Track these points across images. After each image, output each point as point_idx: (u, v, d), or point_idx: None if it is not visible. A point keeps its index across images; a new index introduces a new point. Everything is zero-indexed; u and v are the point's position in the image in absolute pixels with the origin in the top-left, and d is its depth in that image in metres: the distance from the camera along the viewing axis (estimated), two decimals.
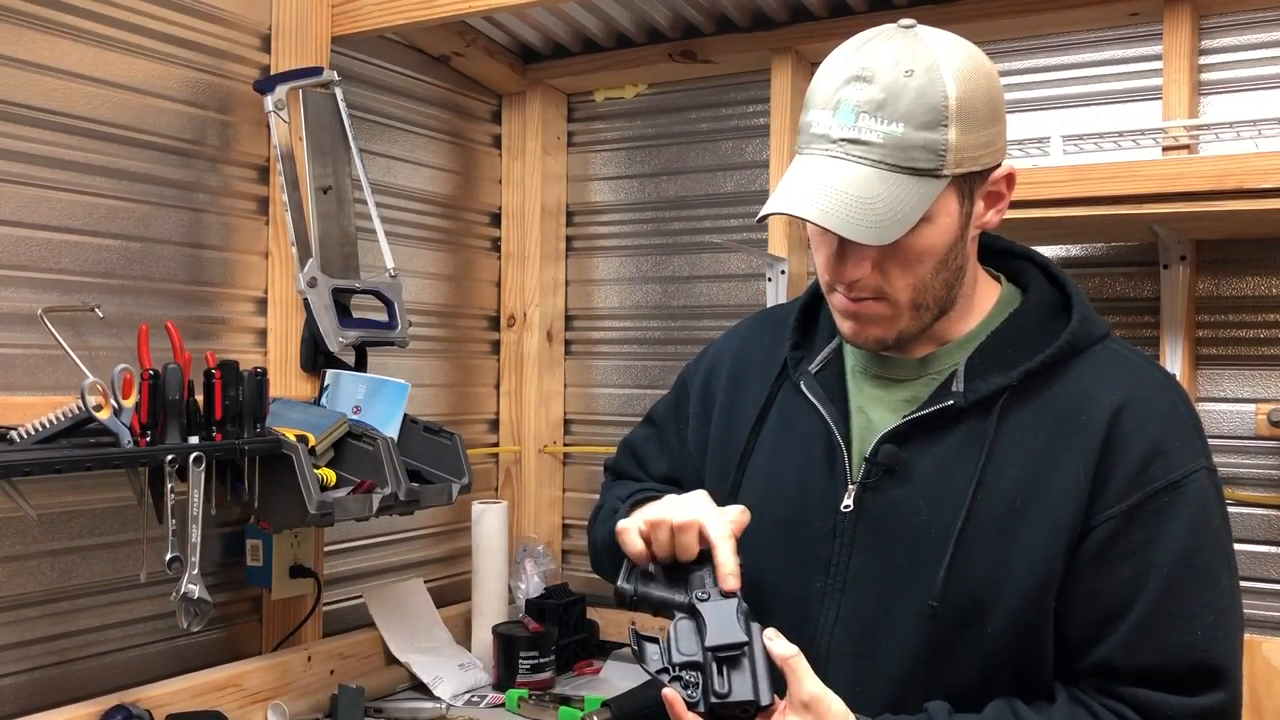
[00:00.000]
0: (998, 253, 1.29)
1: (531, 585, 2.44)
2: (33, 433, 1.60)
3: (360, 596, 2.31)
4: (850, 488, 1.20)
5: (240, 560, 2.05)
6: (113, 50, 1.87)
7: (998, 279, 1.28)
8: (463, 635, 2.40)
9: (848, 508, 1.20)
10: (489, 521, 2.40)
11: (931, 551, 1.14)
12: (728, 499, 1.29)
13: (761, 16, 2.39)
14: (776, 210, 1.12)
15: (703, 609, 1.11)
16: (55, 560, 1.79)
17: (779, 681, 1.08)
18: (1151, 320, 2.09)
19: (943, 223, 1.13)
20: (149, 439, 1.65)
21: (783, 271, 2.35)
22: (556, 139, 2.75)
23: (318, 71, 2.09)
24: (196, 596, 1.69)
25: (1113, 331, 1.22)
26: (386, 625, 2.25)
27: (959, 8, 2.16)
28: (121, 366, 1.63)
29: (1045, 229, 1.94)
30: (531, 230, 2.71)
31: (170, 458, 1.64)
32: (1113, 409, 1.13)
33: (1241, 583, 1.15)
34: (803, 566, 1.22)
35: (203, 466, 1.68)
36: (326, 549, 2.22)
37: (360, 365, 2.15)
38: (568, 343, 2.78)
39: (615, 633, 2.49)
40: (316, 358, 2.11)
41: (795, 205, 1.10)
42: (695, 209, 2.61)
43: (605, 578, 1.37)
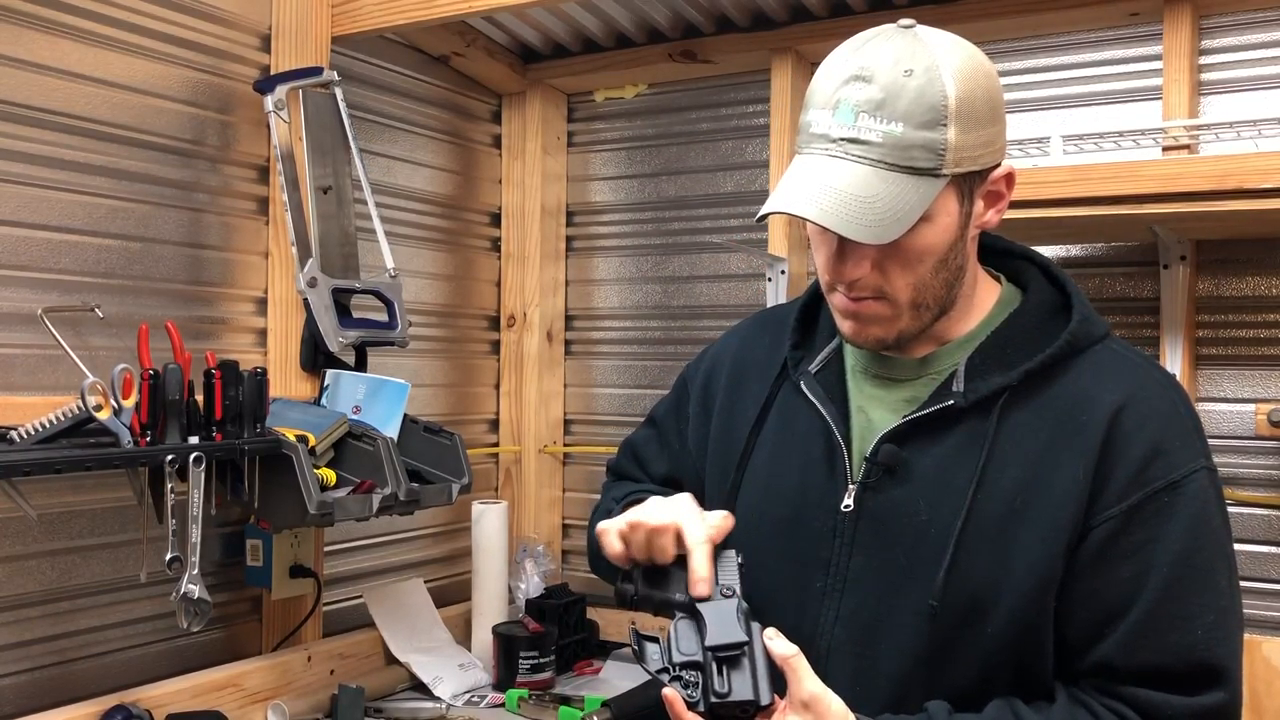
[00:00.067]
0: (998, 253, 1.29)
1: (531, 585, 2.44)
2: (33, 433, 1.60)
3: (360, 596, 2.31)
4: (850, 487, 1.20)
5: (240, 560, 2.05)
6: (113, 50, 1.87)
7: (998, 279, 1.28)
8: (463, 635, 2.40)
9: (848, 507, 1.20)
10: (489, 521, 2.40)
11: (931, 551, 1.14)
12: (728, 499, 1.29)
13: (761, 16, 2.39)
14: (776, 209, 1.12)
15: (703, 609, 1.11)
16: (55, 560, 1.79)
17: (779, 681, 1.08)
18: (1151, 320, 2.09)
19: (942, 222, 1.13)
20: (149, 439, 1.65)
21: (783, 271, 2.35)
22: (556, 139, 2.74)
23: (318, 71, 2.09)
24: (196, 596, 1.69)
25: (1113, 331, 1.22)
26: (386, 625, 2.25)
27: (959, 8, 2.16)
28: (121, 366, 1.63)
29: (1045, 229, 1.94)
30: (531, 230, 2.71)
31: (170, 458, 1.65)
32: (1113, 409, 1.13)
33: (1241, 583, 1.15)
34: (803, 566, 1.22)
35: (203, 466, 1.68)
36: (326, 549, 2.22)
37: (360, 365, 2.15)
38: (568, 343, 2.78)
39: (615, 633, 2.49)
40: (316, 358, 2.11)
41: (795, 204, 1.10)
42: (695, 209, 2.61)
43: (603, 578, 1.38)
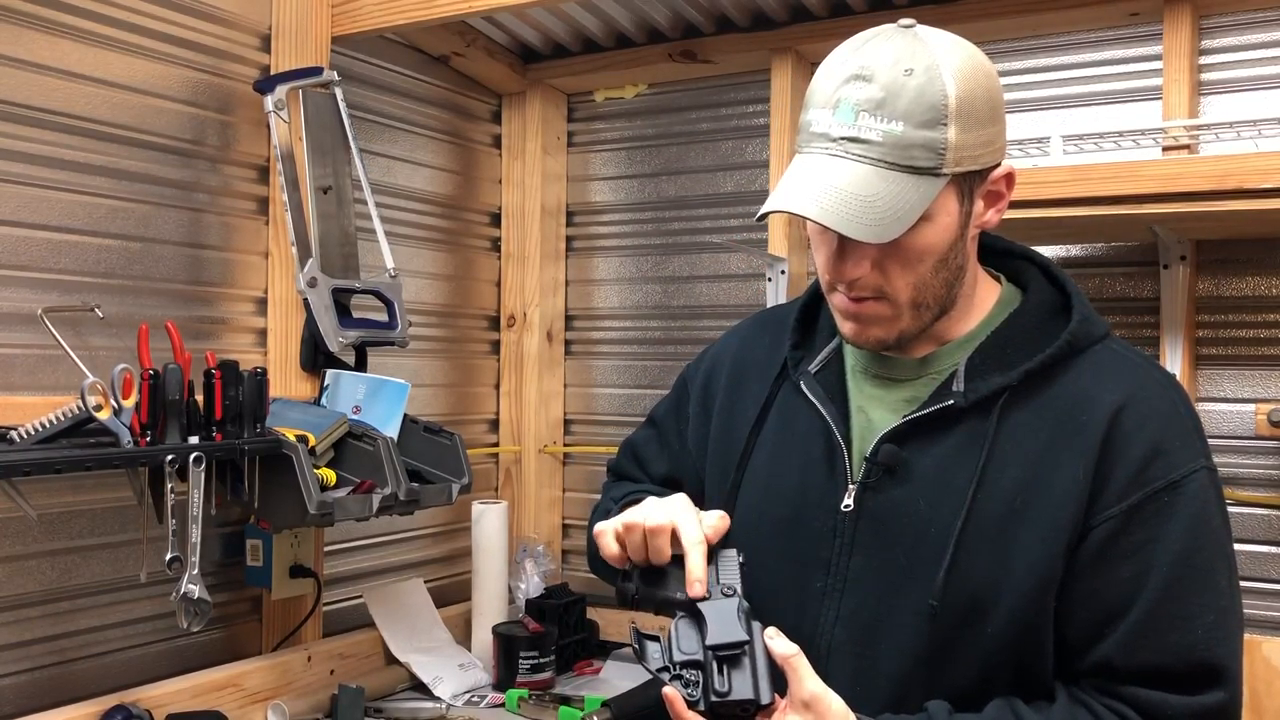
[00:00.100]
0: (998, 253, 1.29)
1: (531, 585, 2.44)
2: (33, 433, 1.60)
3: (360, 596, 2.31)
4: (850, 487, 1.20)
5: (240, 560, 2.05)
6: (113, 50, 1.87)
7: (997, 279, 1.28)
8: (463, 635, 2.40)
9: (848, 507, 1.20)
10: (489, 521, 2.40)
11: (931, 551, 1.14)
12: (728, 499, 1.29)
13: (761, 16, 2.39)
14: (777, 208, 1.12)
15: (704, 608, 1.11)
16: (55, 560, 1.79)
17: (779, 680, 1.08)
18: (1151, 320, 2.09)
19: (942, 221, 1.13)
20: (149, 439, 1.65)
21: (783, 271, 2.35)
22: (556, 139, 2.74)
23: (318, 71, 2.09)
24: (196, 596, 1.69)
25: (1113, 331, 1.22)
26: (386, 625, 2.25)
27: (959, 8, 2.16)
28: (121, 366, 1.63)
29: (1045, 229, 1.94)
30: (531, 230, 2.71)
31: (170, 458, 1.64)
32: (1113, 409, 1.13)
33: (1241, 583, 1.15)
34: (803, 566, 1.22)
35: (203, 466, 1.68)
36: (326, 549, 2.22)
37: (360, 365, 2.15)
38: (568, 343, 2.78)
39: (615, 633, 2.49)
40: (316, 358, 2.11)
41: (795, 203, 1.10)
42: (695, 209, 2.61)
43: (603, 578, 1.37)
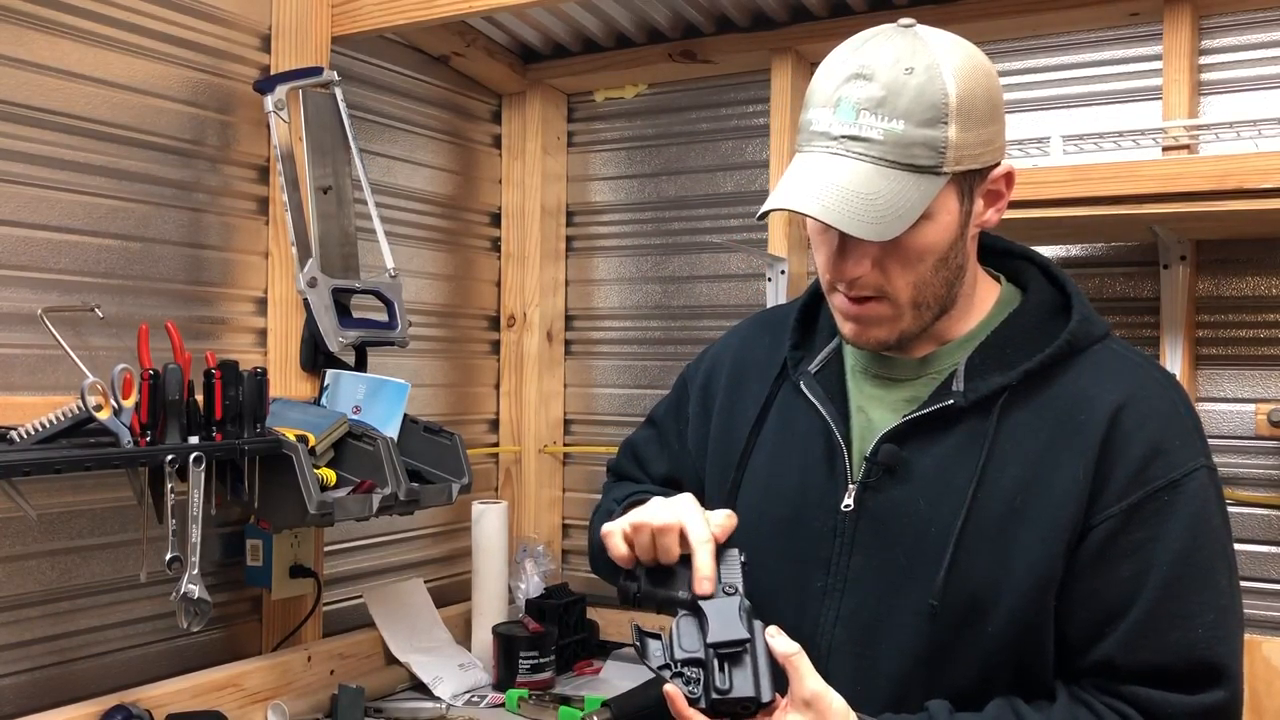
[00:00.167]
0: (997, 253, 1.29)
1: (531, 585, 2.44)
2: (33, 433, 1.59)
3: (360, 596, 2.31)
4: (850, 487, 1.20)
5: (240, 560, 2.05)
6: (113, 50, 1.87)
7: (997, 279, 1.28)
8: (463, 635, 2.40)
9: (848, 507, 1.20)
10: (489, 521, 2.40)
11: (932, 551, 1.14)
12: (728, 499, 1.29)
13: (761, 16, 2.39)
14: (778, 206, 1.12)
15: (705, 606, 1.11)
16: (55, 560, 1.79)
17: (780, 679, 1.08)
18: (1151, 320, 2.09)
19: (943, 220, 1.13)
20: (149, 439, 1.65)
21: (783, 271, 2.35)
22: (556, 139, 2.74)
23: (318, 71, 2.09)
24: (196, 596, 1.68)
25: (1112, 331, 1.23)
26: (386, 625, 2.25)
27: (959, 8, 2.16)
28: (121, 366, 1.63)
29: (1045, 229, 1.94)
30: (531, 230, 2.71)
31: (170, 458, 1.64)
32: (1112, 408, 1.13)
33: (1241, 583, 1.15)
34: (803, 566, 1.22)
35: (203, 466, 1.68)
36: (326, 549, 2.22)
37: (360, 365, 2.15)
38: (568, 343, 2.78)
39: (615, 633, 2.49)
40: (316, 358, 2.11)
41: (797, 201, 1.10)
42: (695, 209, 2.61)
43: (604, 578, 1.38)
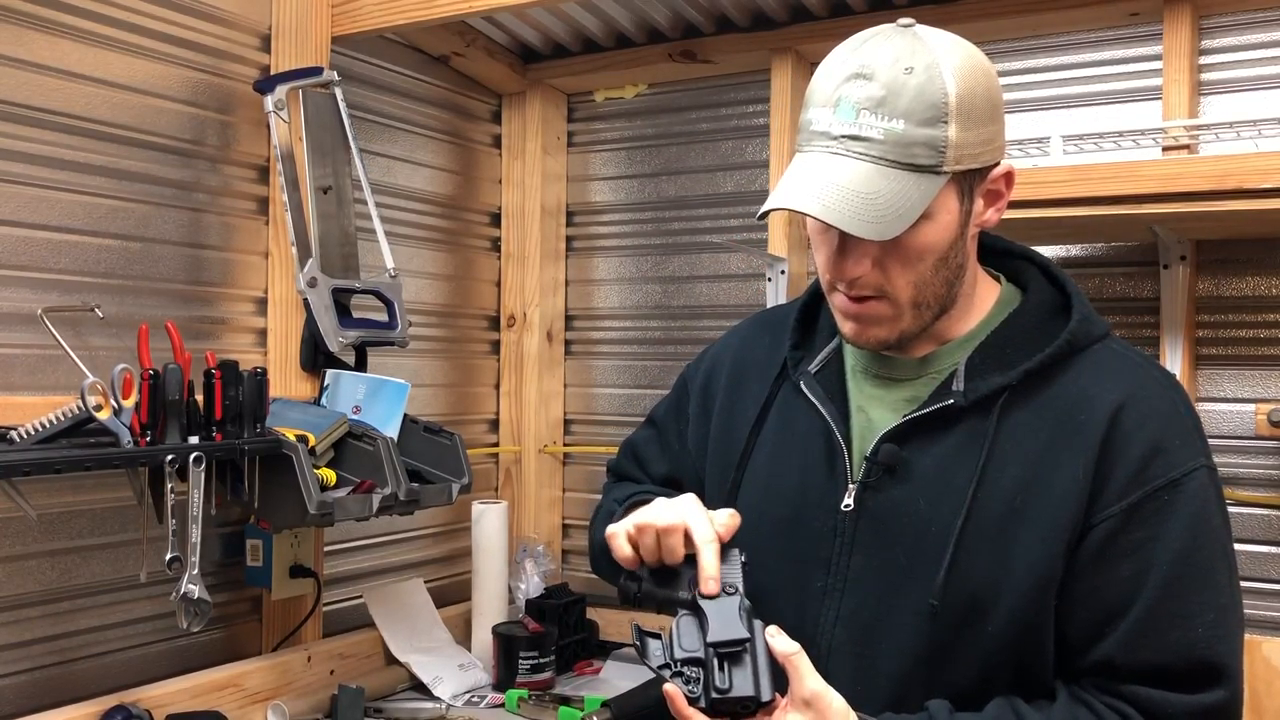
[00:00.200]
0: (997, 253, 1.29)
1: (531, 585, 2.44)
2: (33, 433, 1.59)
3: (360, 596, 2.31)
4: (850, 487, 1.20)
5: (240, 560, 2.05)
6: (113, 50, 1.87)
7: (997, 279, 1.28)
8: (463, 635, 2.40)
9: (848, 507, 1.20)
10: (489, 521, 2.40)
11: (932, 551, 1.14)
12: (728, 499, 1.29)
13: (761, 16, 2.39)
14: (778, 206, 1.12)
15: (705, 606, 1.11)
16: (55, 560, 1.79)
17: (780, 678, 1.08)
18: (1151, 320, 2.09)
19: (943, 220, 1.13)
20: (149, 439, 1.65)
21: (783, 271, 2.35)
22: (556, 139, 2.74)
23: (318, 71, 2.09)
24: (196, 596, 1.68)
25: (1112, 331, 1.23)
26: (386, 625, 2.25)
27: (959, 8, 2.16)
28: (121, 366, 1.63)
29: (1045, 229, 1.94)
30: (531, 230, 2.71)
31: (170, 458, 1.64)
32: (1113, 408, 1.13)
33: (1241, 583, 1.15)
34: (803, 566, 1.22)
35: (203, 466, 1.68)
36: (326, 549, 2.22)
37: (360, 365, 2.15)
38: (568, 343, 2.78)
39: (615, 633, 2.49)
40: (316, 358, 2.11)
41: (797, 200, 1.10)
42: (695, 209, 2.61)
43: (605, 579, 1.38)
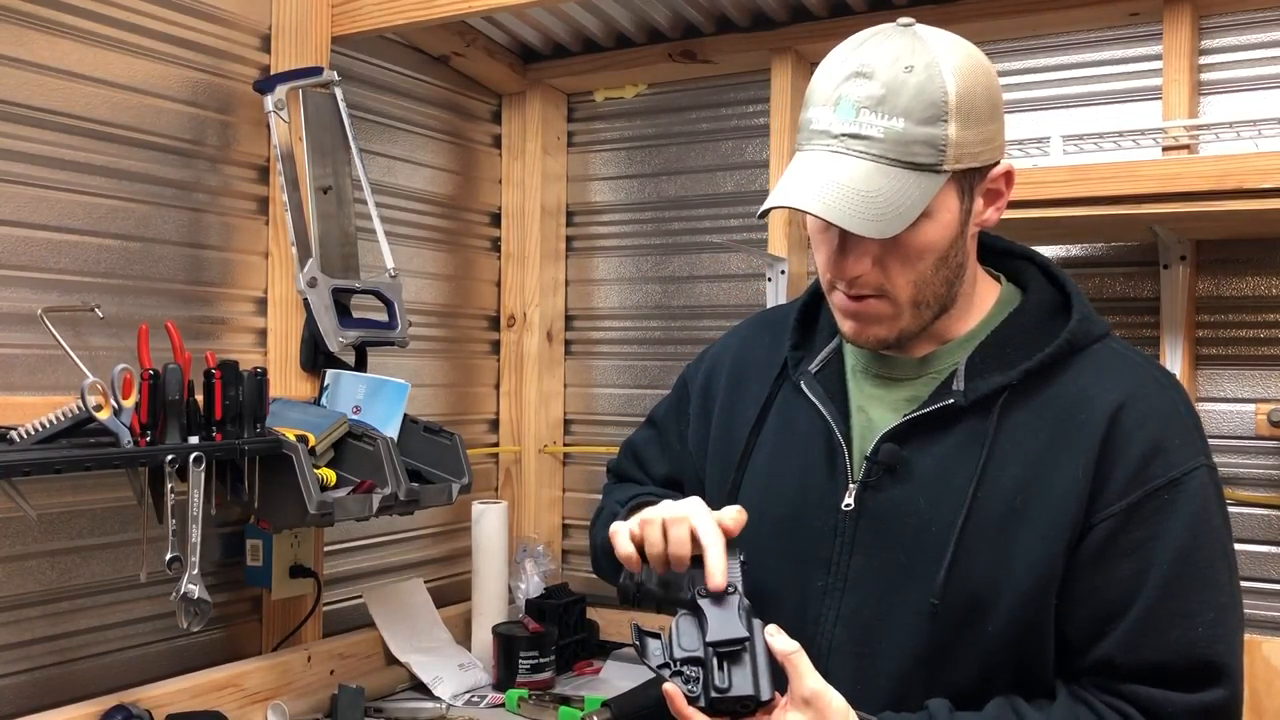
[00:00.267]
0: (997, 252, 1.29)
1: (531, 585, 2.44)
2: (33, 433, 1.59)
3: (360, 596, 2.31)
4: (851, 487, 1.20)
5: (240, 560, 2.05)
6: (113, 50, 1.87)
7: (997, 279, 1.28)
8: (463, 635, 2.40)
9: (848, 507, 1.20)
10: (489, 521, 2.40)
11: (932, 550, 1.14)
12: (728, 499, 1.29)
13: (761, 16, 2.39)
14: (779, 204, 1.12)
15: (704, 605, 1.11)
16: (55, 560, 1.79)
17: (780, 678, 1.08)
18: (1151, 320, 2.09)
19: (943, 219, 1.14)
20: (149, 439, 1.65)
21: (783, 271, 2.35)
22: (556, 139, 2.74)
23: (318, 71, 2.09)
24: (196, 596, 1.68)
25: (1112, 331, 1.23)
26: (386, 625, 2.25)
27: (959, 8, 2.16)
28: (121, 366, 1.63)
29: (1045, 229, 1.94)
30: (531, 230, 2.71)
31: (170, 458, 1.64)
32: (1112, 408, 1.13)
33: (1241, 583, 1.15)
34: (803, 566, 1.22)
35: (203, 466, 1.68)
36: (326, 549, 2.22)
37: (360, 365, 2.15)
38: (568, 343, 2.78)
39: (615, 633, 2.49)
40: (316, 358, 2.11)
41: (798, 199, 1.10)
42: (695, 209, 2.61)
43: (607, 580, 1.38)
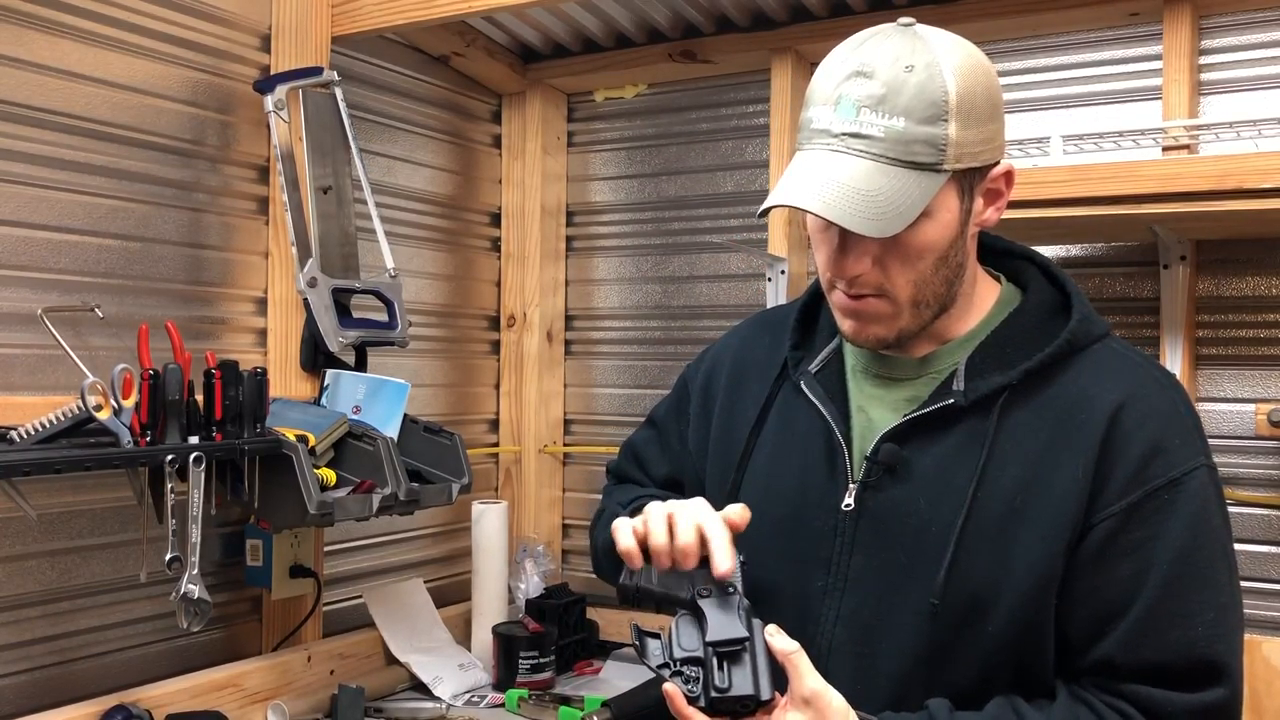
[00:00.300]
0: (997, 252, 1.29)
1: (531, 585, 2.44)
2: (33, 433, 1.59)
3: (360, 596, 2.31)
4: (851, 487, 1.20)
5: (240, 560, 2.05)
6: (113, 50, 1.87)
7: (997, 279, 1.28)
8: (463, 635, 2.40)
9: (848, 506, 1.20)
10: (489, 521, 2.40)
11: (932, 550, 1.14)
12: (728, 499, 1.29)
13: (761, 16, 2.39)
14: (779, 203, 1.12)
15: (704, 605, 1.11)
16: (55, 560, 1.79)
17: (780, 677, 1.08)
18: (1151, 320, 2.09)
19: (943, 218, 1.14)
20: (149, 439, 1.65)
21: (783, 271, 2.35)
22: (556, 139, 2.74)
23: (318, 71, 2.09)
24: (196, 596, 1.68)
25: (1112, 331, 1.23)
26: (386, 625, 2.25)
27: (959, 8, 2.16)
28: (121, 366, 1.63)
29: (1045, 229, 1.94)
30: (531, 230, 2.71)
31: (170, 458, 1.64)
32: (1112, 408, 1.13)
33: (1242, 583, 1.15)
34: (803, 566, 1.22)
35: (203, 466, 1.68)
36: (326, 549, 2.22)
37: (360, 365, 2.15)
38: (568, 343, 2.78)
39: (615, 633, 2.49)
40: (316, 358, 2.11)
41: (798, 198, 1.10)
42: (695, 209, 2.61)
43: (607, 580, 1.38)
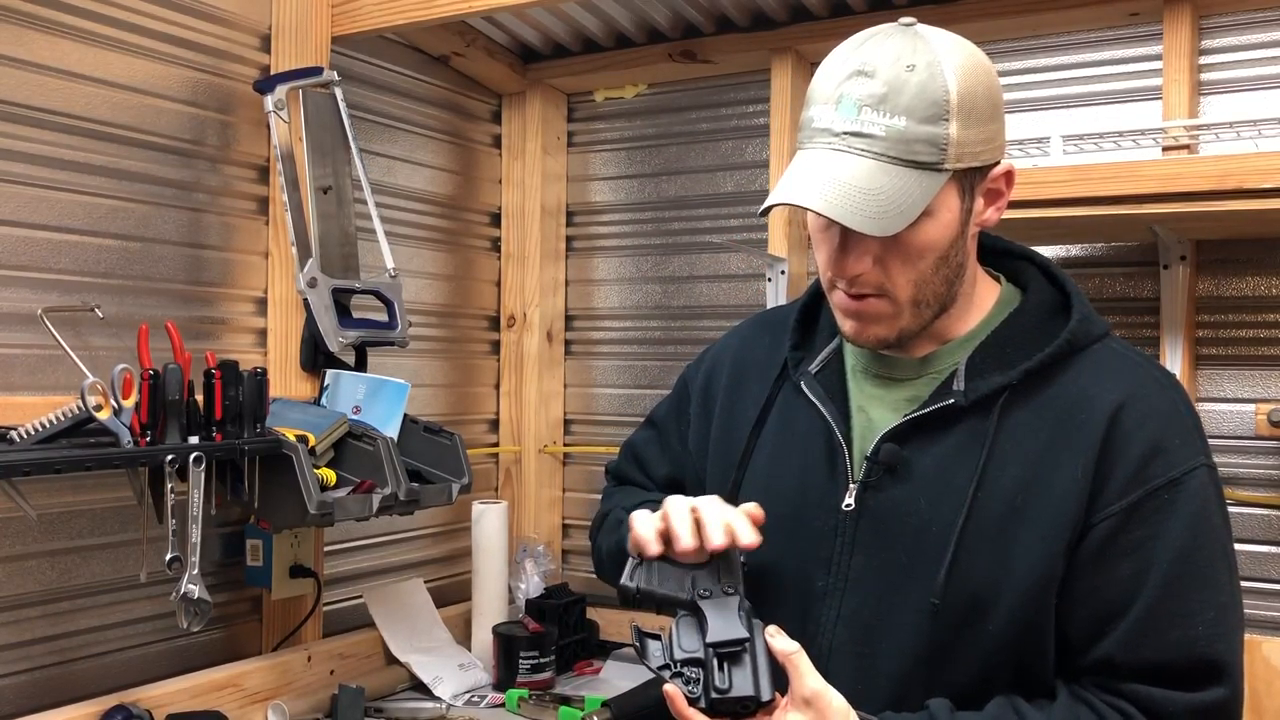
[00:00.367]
0: (997, 253, 1.29)
1: (531, 585, 2.44)
2: (33, 433, 1.59)
3: (360, 596, 2.31)
4: (851, 487, 1.21)
5: (240, 560, 2.05)
6: (113, 50, 1.87)
7: (997, 279, 1.28)
8: (463, 635, 2.40)
9: (849, 506, 1.20)
10: (489, 521, 2.40)
11: (932, 550, 1.14)
12: (728, 499, 1.29)
13: (761, 16, 2.39)
14: (781, 201, 1.12)
15: (705, 606, 1.11)
16: (55, 560, 1.79)
17: (780, 678, 1.08)
18: (1151, 320, 2.09)
19: (944, 218, 1.14)
20: (149, 439, 1.65)
21: (783, 271, 2.35)
22: (556, 139, 2.75)
23: (318, 71, 2.09)
24: (196, 596, 1.68)
25: (1112, 331, 1.23)
26: (386, 625, 2.25)
27: (959, 8, 2.16)
28: (121, 366, 1.63)
29: (1045, 229, 1.94)
30: (531, 230, 2.71)
31: (170, 458, 1.64)
32: (1112, 407, 1.13)
33: (1242, 582, 1.15)
34: (803, 566, 1.22)
35: (203, 466, 1.68)
36: (326, 549, 2.22)
37: (360, 365, 2.15)
38: (568, 343, 2.78)
39: (615, 633, 2.49)
40: (316, 358, 2.11)
41: (799, 196, 1.10)
42: (695, 209, 2.61)
43: (608, 581, 1.38)
